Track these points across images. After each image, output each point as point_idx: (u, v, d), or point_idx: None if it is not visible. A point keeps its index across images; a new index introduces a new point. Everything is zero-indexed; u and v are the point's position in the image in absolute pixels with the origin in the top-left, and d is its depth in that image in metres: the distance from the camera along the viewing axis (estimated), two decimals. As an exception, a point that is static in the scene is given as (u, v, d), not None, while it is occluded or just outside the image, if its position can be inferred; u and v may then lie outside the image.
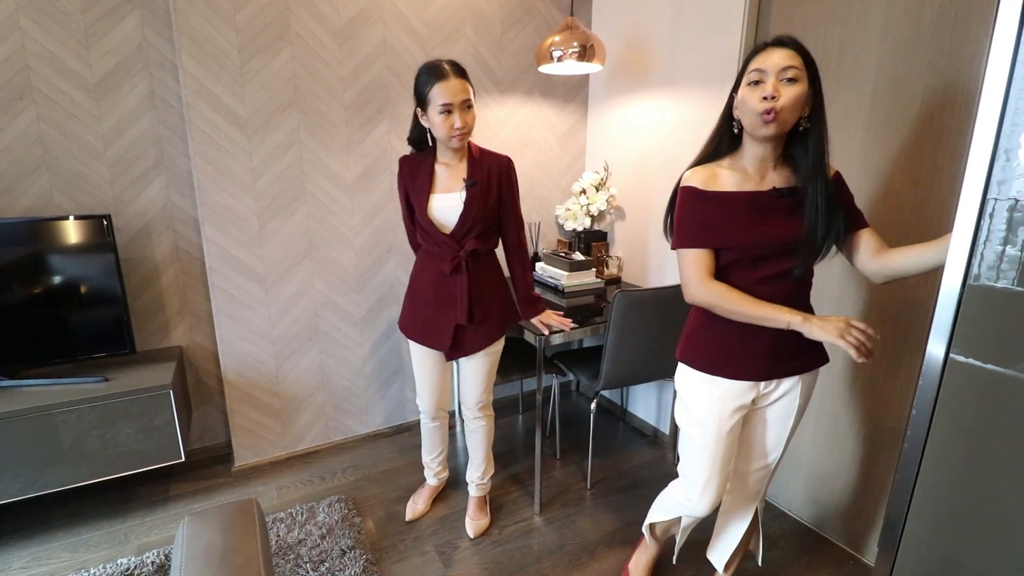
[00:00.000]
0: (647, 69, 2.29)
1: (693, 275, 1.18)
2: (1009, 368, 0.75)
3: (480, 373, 1.74)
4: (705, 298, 1.18)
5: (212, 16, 1.82)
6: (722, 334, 1.24)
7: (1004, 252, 0.75)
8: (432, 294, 1.65)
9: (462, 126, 1.46)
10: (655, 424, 2.54)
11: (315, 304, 2.22)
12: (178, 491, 2.10)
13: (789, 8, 1.78)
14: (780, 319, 1.11)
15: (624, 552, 1.81)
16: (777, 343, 1.20)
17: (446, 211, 1.57)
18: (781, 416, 1.31)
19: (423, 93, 1.47)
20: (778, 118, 1.07)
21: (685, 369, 1.33)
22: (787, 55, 1.08)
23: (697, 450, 1.32)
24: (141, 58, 1.88)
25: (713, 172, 1.19)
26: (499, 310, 1.70)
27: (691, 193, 1.19)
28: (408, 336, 1.75)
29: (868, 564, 1.75)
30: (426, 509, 1.96)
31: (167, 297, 2.11)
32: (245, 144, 1.96)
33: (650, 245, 2.42)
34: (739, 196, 1.16)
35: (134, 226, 2.00)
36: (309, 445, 2.35)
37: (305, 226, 2.13)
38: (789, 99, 1.06)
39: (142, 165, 1.97)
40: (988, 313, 0.77)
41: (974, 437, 0.80)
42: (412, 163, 1.62)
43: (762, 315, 1.13)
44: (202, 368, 2.23)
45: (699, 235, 1.17)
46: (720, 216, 1.16)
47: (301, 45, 1.97)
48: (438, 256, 1.62)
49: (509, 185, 1.63)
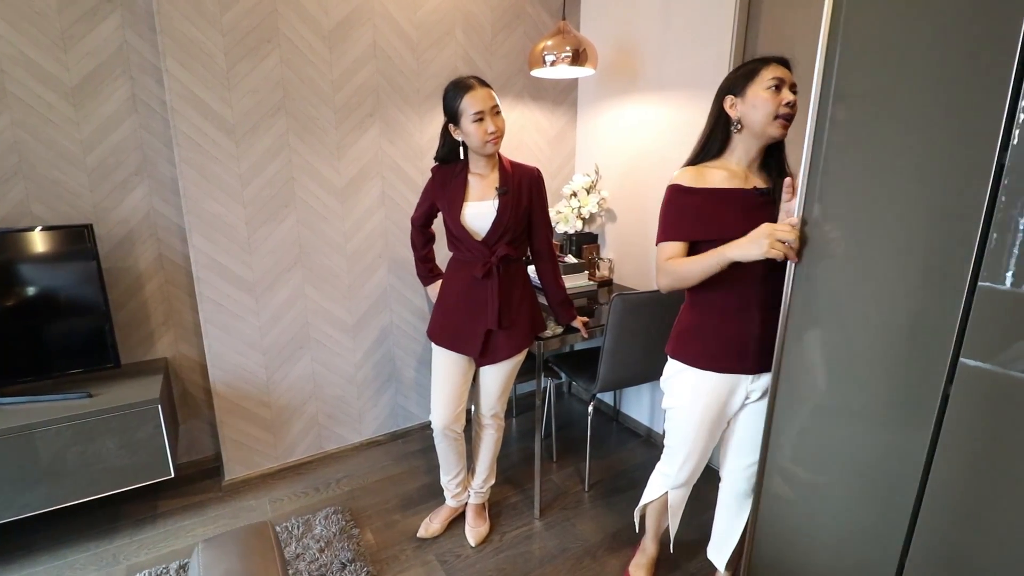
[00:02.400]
0: (636, 73, 2.30)
1: (660, 264, 1.28)
2: (1016, 371, 0.78)
3: (501, 381, 1.75)
4: (668, 280, 1.26)
5: (197, 18, 1.76)
6: (714, 330, 1.31)
7: (1011, 255, 0.77)
8: (463, 300, 1.67)
9: (495, 130, 1.52)
10: (648, 424, 2.56)
11: (306, 312, 2.18)
12: (167, 508, 2.03)
13: (778, 17, 1.81)
14: (716, 259, 1.17)
15: (626, 554, 1.82)
16: (766, 335, 1.25)
17: (479, 218, 1.61)
18: None
19: (454, 107, 1.53)
20: (791, 123, 1.21)
21: (674, 363, 1.40)
22: (788, 73, 1.21)
23: (679, 434, 1.42)
24: (122, 61, 1.81)
25: (702, 172, 1.28)
26: (528, 318, 1.72)
27: (676, 190, 1.28)
28: (438, 343, 1.73)
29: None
30: (441, 530, 1.90)
31: (151, 308, 2.04)
32: (233, 150, 1.91)
33: (642, 247, 2.44)
34: (728, 192, 1.24)
35: (116, 235, 1.93)
36: (302, 456, 2.31)
37: (295, 233, 2.09)
38: (797, 108, 1.19)
39: (123, 172, 1.90)
40: (997, 316, 0.79)
41: (984, 439, 0.83)
42: (444, 173, 1.67)
43: (702, 265, 1.20)
44: (189, 380, 2.17)
45: (677, 229, 1.26)
46: (705, 209, 1.24)
47: (290, 48, 1.93)
48: (470, 262, 1.65)
49: (539, 194, 1.69)
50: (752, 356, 1.29)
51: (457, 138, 1.60)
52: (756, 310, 1.26)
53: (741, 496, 1.48)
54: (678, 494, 1.53)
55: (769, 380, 1.30)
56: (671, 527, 1.58)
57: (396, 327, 2.40)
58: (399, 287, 2.36)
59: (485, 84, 1.54)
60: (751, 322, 1.27)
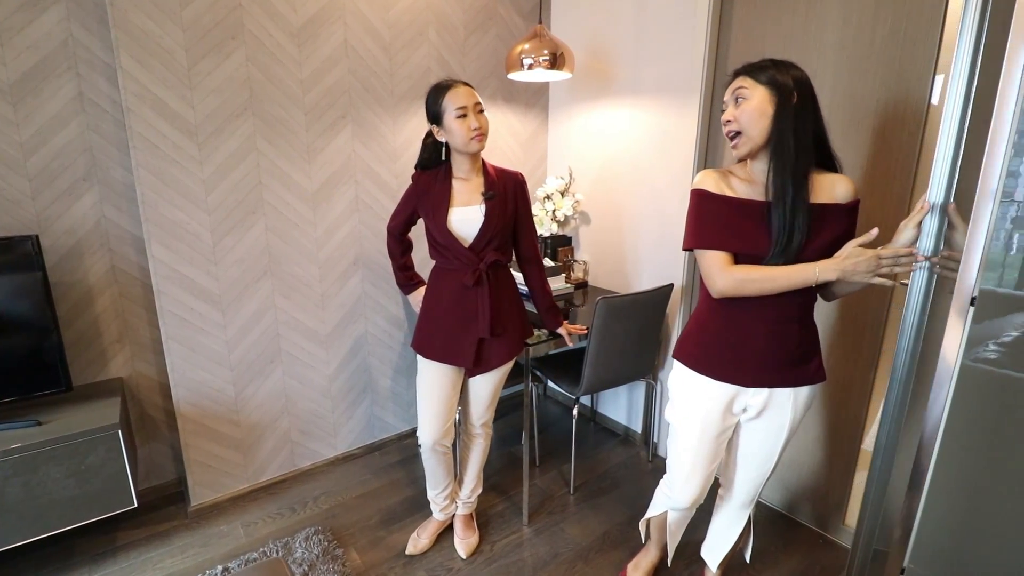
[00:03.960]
0: (609, 77, 2.33)
1: (715, 268, 1.19)
2: (1018, 371, 0.83)
3: (492, 389, 1.73)
4: (731, 284, 1.17)
5: (154, 11, 1.63)
6: (716, 336, 1.28)
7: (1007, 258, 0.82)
8: (452, 309, 1.61)
9: (479, 127, 1.49)
10: (626, 423, 2.60)
11: (276, 324, 2.07)
12: (127, 539, 1.87)
13: (749, 23, 1.87)
14: (807, 273, 1.12)
15: (616, 554, 1.83)
16: (768, 350, 1.24)
17: (465, 224, 1.57)
18: (773, 428, 1.33)
19: (436, 108, 1.50)
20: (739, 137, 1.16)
21: (678, 367, 1.38)
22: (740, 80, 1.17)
23: (681, 445, 1.39)
24: (67, 56, 1.66)
25: (725, 175, 1.23)
26: (517, 323, 1.69)
27: (699, 195, 1.23)
28: (427, 356, 1.67)
29: (836, 542, 1.89)
30: (429, 544, 1.85)
31: (103, 324, 1.88)
32: (195, 153, 1.78)
33: (616, 248, 2.47)
34: (749, 204, 1.19)
35: (62, 246, 1.76)
36: (274, 475, 2.19)
37: (264, 240, 1.98)
38: (743, 114, 1.15)
39: (70, 177, 1.74)
40: (998, 319, 0.84)
41: (986, 436, 0.88)
42: (427, 179, 1.62)
43: (790, 276, 1.13)
44: (147, 400, 2.01)
45: (713, 236, 1.20)
46: (727, 218, 1.20)
47: (256, 45, 1.82)
48: (457, 271, 1.60)
49: (524, 199, 1.68)
50: (751, 370, 1.26)
51: (440, 139, 1.56)
52: (762, 324, 1.23)
53: (742, 507, 1.49)
54: (677, 516, 1.51)
55: (777, 397, 1.29)
56: (669, 546, 1.59)
57: (371, 336, 2.32)
58: (374, 294, 2.29)
59: (466, 84, 1.53)
60: (756, 336, 1.24)
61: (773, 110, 1.12)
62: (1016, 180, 0.82)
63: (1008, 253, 0.84)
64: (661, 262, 2.25)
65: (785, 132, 1.12)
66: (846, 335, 1.77)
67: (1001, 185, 0.82)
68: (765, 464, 1.39)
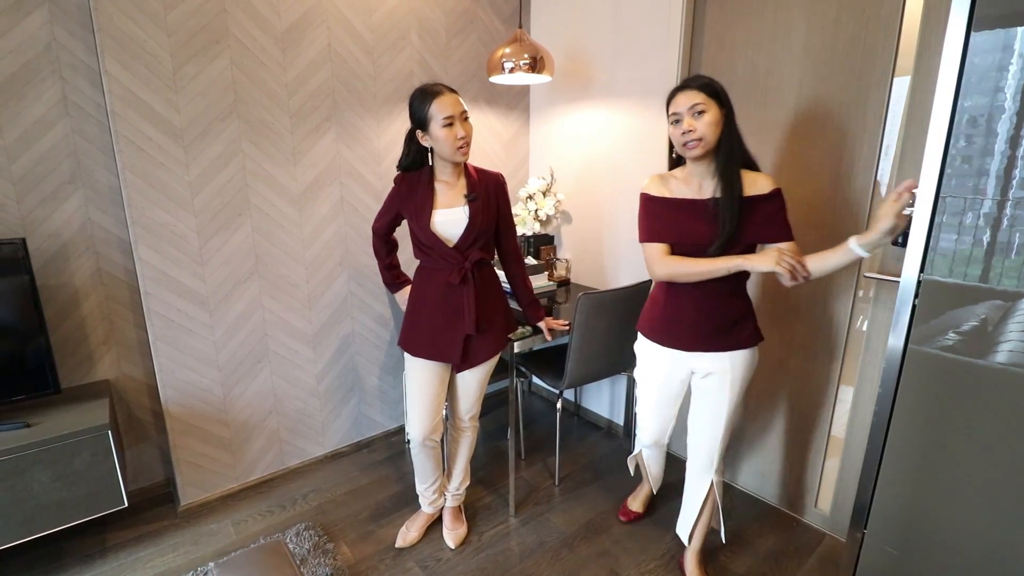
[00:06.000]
0: (587, 80, 2.39)
1: (653, 258, 1.45)
2: (960, 355, 0.91)
3: (479, 383, 1.78)
4: (665, 271, 1.43)
5: (139, 16, 1.65)
6: (663, 311, 1.54)
7: (954, 250, 0.90)
8: (438, 307, 1.65)
9: (464, 135, 1.52)
10: (609, 416, 2.67)
11: (264, 324, 2.10)
12: (117, 540, 1.89)
13: (719, 29, 1.95)
14: (728, 265, 1.34)
15: (600, 540, 1.90)
16: (698, 321, 1.47)
17: (449, 225, 1.60)
18: (715, 388, 1.53)
19: (422, 114, 1.51)
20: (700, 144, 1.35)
21: (639, 336, 1.66)
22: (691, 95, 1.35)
23: (642, 396, 1.70)
24: (50, 60, 1.67)
25: (665, 179, 1.49)
26: (502, 318, 1.74)
27: (644, 198, 1.50)
28: (415, 354, 1.70)
29: (809, 525, 1.98)
30: (419, 537, 1.89)
31: (90, 327, 1.89)
32: (181, 156, 1.80)
33: (597, 246, 2.54)
34: (679, 202, 1.44)
35: (47, 249, 1.77)
36: (263, 473, 2.21)
37: (251, 242, 2.00)
38: (705, 125, 1.34)
39: (55, 181, 1.74)
40: (941, 306, 0.92)
41: (932, 416, 0.96)
42: (410, 181, 1.64)
43: (712, 268, 1.36)
44: (134, 402, 2.02)
45: (654, 231, 1.46)
46: (666, 216, 1.44)
47: (240, 49, 1.85)
48: (442, 270, 1.63)
49: (505, 199, 1.72)
50: (687, 338, 1.50)
51: (425, 144, 1.58)
52: (694, 300, 1.46)
53: (702, 472, 1.61)
54: (648, 454, 1.81)
55: (715, 361, 1.50)
56: (644, 483, 1.84)
57: (358, 335, 2.35)
58: (360, 294, 2.32)
59: (452, 90, 1.54)
60: (689, 310, 1.48)
61: (723, 120, 1.36)
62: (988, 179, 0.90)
63: (973, 249, 0.91)
64: (640, 259, 2.32)
65: (729, 138, 1.36)
66: (806, 335, 1.86)
67: (943, 182, 0.90)
68: (715, 423, 1.55)
